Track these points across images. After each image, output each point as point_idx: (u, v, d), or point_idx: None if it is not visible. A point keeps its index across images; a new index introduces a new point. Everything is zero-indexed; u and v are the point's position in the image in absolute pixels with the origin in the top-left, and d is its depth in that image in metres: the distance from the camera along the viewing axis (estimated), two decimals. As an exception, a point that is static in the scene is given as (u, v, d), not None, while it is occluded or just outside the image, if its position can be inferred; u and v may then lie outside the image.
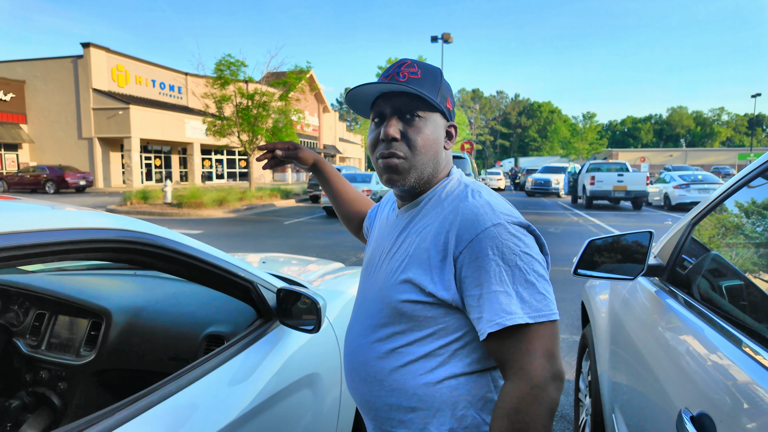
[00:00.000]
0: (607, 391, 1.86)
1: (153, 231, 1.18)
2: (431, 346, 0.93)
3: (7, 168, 26.73)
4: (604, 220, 13.33)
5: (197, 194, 15.48)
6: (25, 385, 1.82)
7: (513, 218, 0.89)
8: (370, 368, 0.99)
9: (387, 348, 0.97)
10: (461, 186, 1.00)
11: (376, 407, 0.99)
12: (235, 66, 18.55)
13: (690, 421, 0.92)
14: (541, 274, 0.87)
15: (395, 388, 0.95)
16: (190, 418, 1.14)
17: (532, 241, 0.90)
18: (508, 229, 0.87)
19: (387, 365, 0.96)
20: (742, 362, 0.94)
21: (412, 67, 0.98)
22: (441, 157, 1.01)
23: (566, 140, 67.85)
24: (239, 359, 1.38)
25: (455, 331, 0.92)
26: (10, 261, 0.86)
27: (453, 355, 0.92)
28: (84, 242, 0.99)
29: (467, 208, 0.91)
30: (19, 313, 1.96)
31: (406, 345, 0.94)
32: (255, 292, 1.51)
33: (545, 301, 0.85)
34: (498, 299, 0.84)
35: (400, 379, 0.94)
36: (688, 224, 1.60)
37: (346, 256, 7.61)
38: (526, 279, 0.85)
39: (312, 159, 1.47)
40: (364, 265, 1.15)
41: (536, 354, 0.82)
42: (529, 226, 0.91)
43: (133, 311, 1.88)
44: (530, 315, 0.83)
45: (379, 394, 0.98)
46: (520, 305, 0.83)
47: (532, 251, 0.88)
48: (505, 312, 0.83)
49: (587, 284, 2.66)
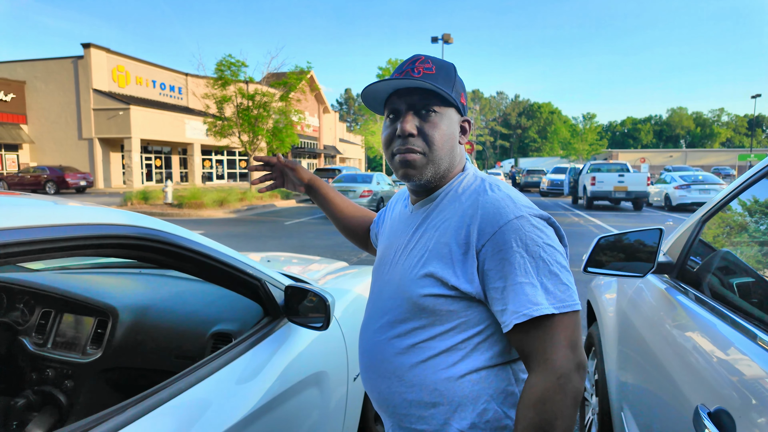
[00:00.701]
0: (615, 390, 1.86)
1: (163, 228, 1.17)
2: (453, 340, 0.92)
3: (8, 168, 26.72)
4: (605, 221, 13.32)
5: (198, 195, 15.47)
6: (31, 383, 1.81)
7: (534, 210, 0.90)
8: (389, 365, 0.98)
9: (407, 344, 0.96)
10: (478, 180, 1.00)
11: (395, 404, 0.98)
12: (236, 66, 18.55)
13: (708, 417, 0.91)
14: (563, 265, 0.88)
15: (416, 383, 0.95)
16: (198, 417, 1.14)
17: (552, 233, 0.91)
18: (530, 221, 0.88)
19: (407, 361, 0.96)
20: (759, 356, 0.93)
21: (426, 62, 0.98)
22: (456, 152, 1.01)
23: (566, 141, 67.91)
24: (246, 357, 1.38)
25: (477, 324, 0.92)
26: (20, 256, 0.85)
27: (475, 349, 0.92)
28: (94, 238, 0.98)
29: (488, 201, 0.91)
30: (25, 311, 1.95)
31: (428, 340, 0.94)
32: (263, 289, 1.50)
33: (569, 292, 0.85)
34: (524, 290, 0.84)
35: (421, 375, 0.94)
36: (698, 222, 1.59)
37: (348, 257, 7.60)
38: (550, 270, 0.85)
39: (307, 177, 1.46)
40: (377, 263, 1.14)
41: (561, 344, 0.83)
42: (549, 218, 0.92)
43: (140, 309, 1.88)
44: (555, 305, 0.83)
45: (398, 390, 0.97)
46: (545, 296, 0.84)
47: (554, 243, 0.89)
48: (531, 303, 0.83)
49: (593, 283, 2.65)
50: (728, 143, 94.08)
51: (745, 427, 0.84)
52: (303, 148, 41.34)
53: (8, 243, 0.82)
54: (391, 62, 32.90)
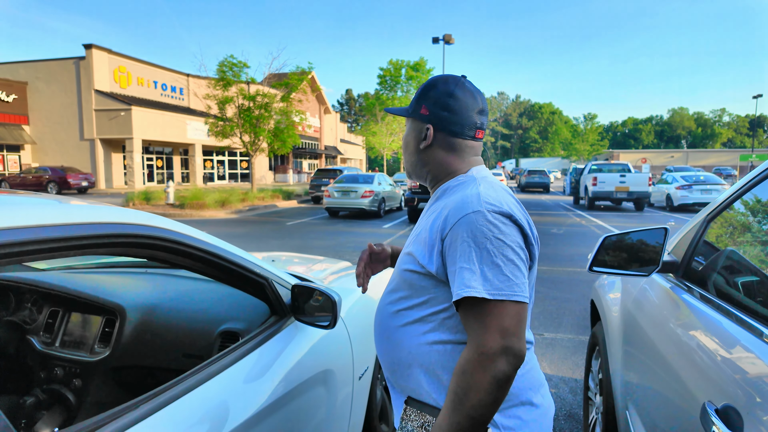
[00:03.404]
0: (620, 389, 1.86)
1: (173, 227, 1.18)
2: (424, 312, 1.07)
3: (10, 169, 26.76)
4: (607, 221, 13.32)
5: (199, 195, 15.49)
6: (40, 382, 1.82)
7: (495, 207, 0.98)
8: (383, 325, 1.16)
9: (395, 309, 1.13)
10: (471, 179, 1.10)
11: (388, 361, 1.15)
12: (238, 67, 18.57)
13: (715, 413, 0.91)
14: (510, 258, 0.95)
15: (397, 344, 1.11)
16: (206, 415, 1.14)
17: (511, 230, 0.97)
18: (486, 216, 0.96)
19: (394, 323, 1.12)
20: (765, 353, 0.94)
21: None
22: (421, 156, 1.18)
23: (567, 141, 67.90)
24: (254, 356, 1.38)
25: (443, 302, 1.04)
26: (31, 255, 0.86)
27: (441, 324, 1.05)
28: (105, 237, 0.99)
29: (460, 197, 1.03)
30: (33, 310, 1.96)
31: (408, 309, 1.10)
32: (270, 288, 1.51)
33: (508, 283, 0.93)
34: (463, 275, 0.94)
35: (401, 337, 1.10)
36: (703, 221, 1.60)
37: (350, 257, 7.60)
38: (492, 261, 0.93)
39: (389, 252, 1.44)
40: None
41: (490, 328, 0.90)
42: (511, 216, 0.98)
43: (147, 308, 1.88)
44: (489, 292, 0.91)
45: (387, 348, 1.14)
46: (481, 281, 0.92)
47: (505, 238, 0.96)
48: (466, 285, 0.93)
49: (597, 283, 2.66)
50: (729, 144, 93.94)
51: (753, 423, 0.85)
52: (304, 148, 41.36)
53: (19, 242, 0.82)
54: (392, 63, 32.93)
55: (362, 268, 1.37)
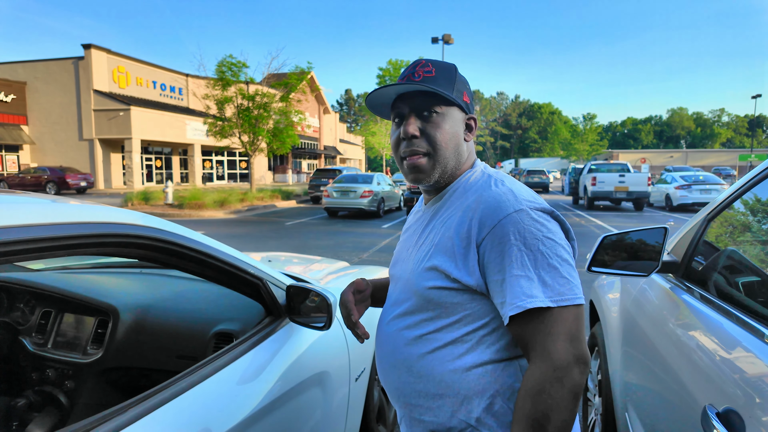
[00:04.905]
0: (620, 390, 1.84)
1: (165, 227, 1.16)
2: (458, 332, 0.94)
3: (8, 169, 26.72)
4: (606, 221, 13.31)
5: (198, 195, 15.46)
6: (32, 383, 1.80)
7: (535, 204, 0.90)
8: (399, 355, 1.01)
9: (415, 334, 0.98)
10: (485, 176, 1.01)
11: (405, 394, 1.00)
12: (237, 67, 18.54)
13: (716, 417, 0.90)
14: (564, 258, 0.87)
15: (423, 374, 0.96)
16: (200, 417, 1.13)
17: (555, 227, 0.90)
18: (530, 214, 0.88)
19: (415, 351, 0.98)
20: (767, 355, 0.92)
21: (426, 66, 1.02)
22: (462, 149, 1.04)
23: (567, 141, 67.97)
24: (248, 357, 1.37)
25: (481, 317, 0.93)
26: (22, 254, 0.84)
27: (480, 342, 0.93)
28: (96, 237, 0.97)
29: (490, 195, 0.92)
30: (25, 311, 1.94)
31: (434, 331, 0.96)
32: (265, 289, 1.49)
33: (568, 285, 0.85)
34: (519, 283, 0.85)
35: (428, 366, 0.96)
36: (703, 221, 1.58)
37: (349, 257, 7.59)
38: (548, 263, 0.85)
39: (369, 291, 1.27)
40: (393, 260, 1.19)
41: (559, 337, 0.82)
42: (552, 212, 0.92)
43: (141, 309, 1.87)
44: (552, 299, 0.83)
45: (407, 380, 0.99)
46: (541, 289, 0.84)
47: (555, 236, 0.88)
48: (525, 295, 0.83)
49: (596, 283, 2.64)
50: (729, 143, 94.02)
51: (755, 427, 0.83)
52: (303, 148, 41.33)
53: (9, 241, 0.81)
54: (391, 63, 32.92)
55: (358, 317, 1.19)
